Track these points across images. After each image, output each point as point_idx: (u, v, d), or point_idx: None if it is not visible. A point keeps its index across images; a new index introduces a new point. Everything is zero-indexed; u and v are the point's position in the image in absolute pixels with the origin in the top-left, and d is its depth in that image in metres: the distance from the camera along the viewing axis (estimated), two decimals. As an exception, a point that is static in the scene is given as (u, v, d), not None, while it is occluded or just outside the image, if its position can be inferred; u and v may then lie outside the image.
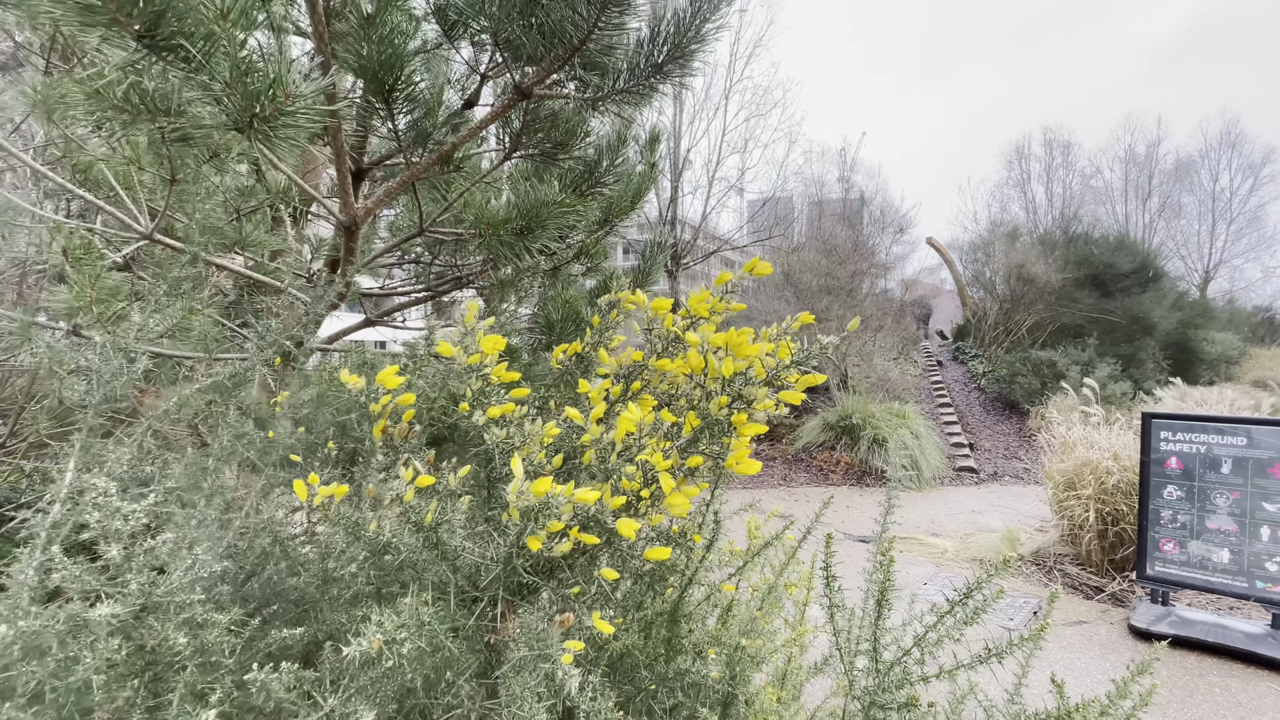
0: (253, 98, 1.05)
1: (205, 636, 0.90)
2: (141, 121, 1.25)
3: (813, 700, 1.78)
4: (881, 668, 1.16)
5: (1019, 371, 14.04)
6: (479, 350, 1.06)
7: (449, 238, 2.29)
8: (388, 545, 0.96)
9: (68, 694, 0.85)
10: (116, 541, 0.93)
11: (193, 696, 0.89)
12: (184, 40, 0.99)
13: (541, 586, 0.96)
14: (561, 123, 1.78)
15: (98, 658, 0.85)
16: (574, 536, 0.89)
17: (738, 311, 1.15)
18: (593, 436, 1.01)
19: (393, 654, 0.78)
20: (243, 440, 1.26)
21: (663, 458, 0.95)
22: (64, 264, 1.48)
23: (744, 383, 1.02)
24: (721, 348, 1.03)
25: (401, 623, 0.81)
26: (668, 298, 1.15)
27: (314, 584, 1.17)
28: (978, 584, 1.09)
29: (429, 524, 0.94)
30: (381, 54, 1.45)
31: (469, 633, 0.94)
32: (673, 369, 1.10)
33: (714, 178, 17.43)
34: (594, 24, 1.32)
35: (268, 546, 1.22)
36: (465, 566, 0.97)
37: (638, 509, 0.95)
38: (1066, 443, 6.29)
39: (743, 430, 1.01)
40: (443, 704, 0.93)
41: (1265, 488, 4.50)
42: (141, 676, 0.92)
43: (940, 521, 7.97)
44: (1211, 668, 4.02)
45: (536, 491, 0.83)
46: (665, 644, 1.37)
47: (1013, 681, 1.32)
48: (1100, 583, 5.43)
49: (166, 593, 0.90)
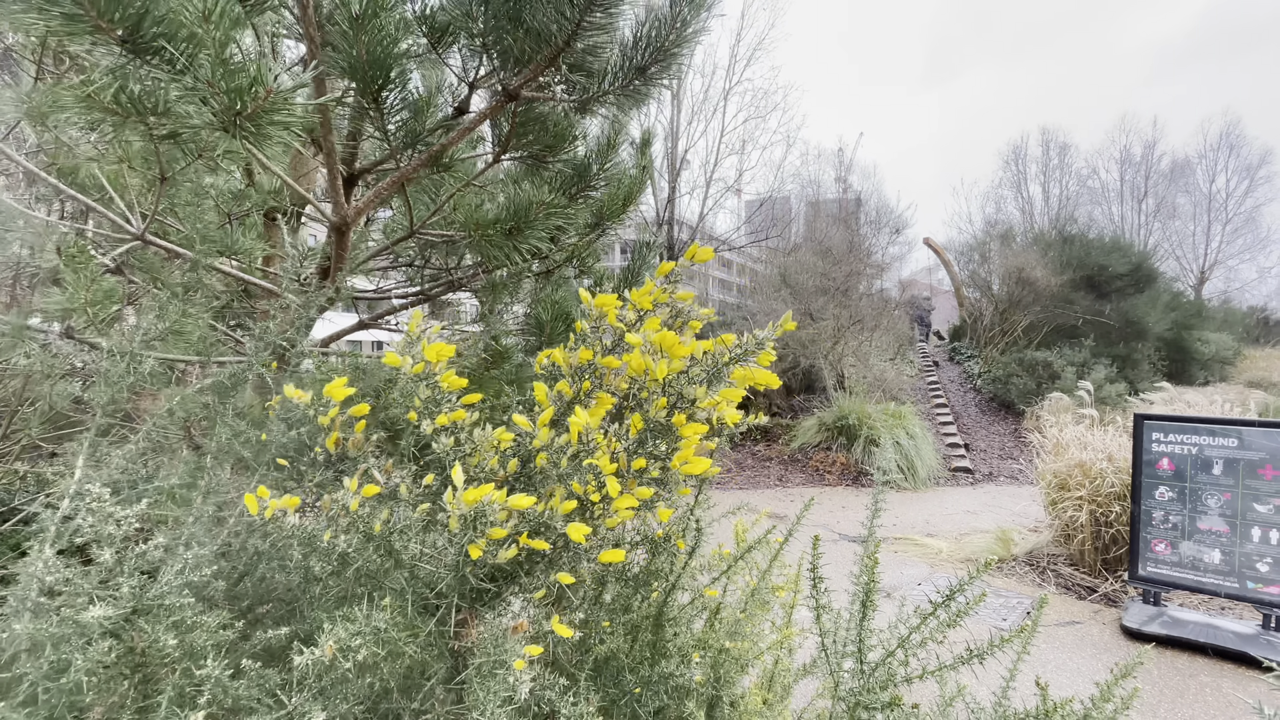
0: (235, 95, 1.06)
1: (194, 639, 0.91)
2: (132, 123, 1.26)
3: (800, 702, 1.79)
4: (866, 668, 1.17)
5: (1014, 372, 14.08)
6: (423, 359, 1.05)
7: (439, 239, 2.30)
8: (344, 555, 0.96)
9: (60, 695, 0.86)
10: (109, 546, 0.94)
11: (180, 698, 0.90)
12: (165, 43, 1.00)
13: (501, 592, 0.97)
14: (550, 125, 1.79)
15: (89, 659, 0.86)
16: (523, 543, 0.89)
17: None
18: (542, 441, 1.00)
19: (349, 660, 0.79)
20: (239, 439, 1.28)
21: (609, 460, 0.95)
22: (58, 266, 1.48)
23: (685, 382, 1.02)
24: (657, 348, 1.03)
25: (357, 629, 0.82)
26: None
27: (298, 583, 1.18)
28: (960, 585, 1.10)
29: (378, 533, 0.94)
30: (370, 54, 1.46)
31: (432, 638, 0.94)
32: (617, 366, 1.08)
33: (711, 178, 17.46)
34: (578, 24, 1.33)
35: (259, 545, 1.24)
36: (423, 574, 0.98)
37: (592, 512, 0.95)
38: (1060, 444, 6.31)
39: (684, 430, 1.00)
40: (411, 708, 0.94)
41: (1256, 489, 4.53)
42: (131, 678, 0.93)
43: (935, 522, 7.99)
44: (1203, 668, 4.04)
45: (468, 499, 0.84)
46: (651, 647, 1.37)
47: (1001, 684, 1.33)
48: (1093, 583, 5.45)
49: (156, 596, 0.91)
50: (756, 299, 15.79)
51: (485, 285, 2.53)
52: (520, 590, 0.96)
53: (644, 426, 1.02)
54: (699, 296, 1.21)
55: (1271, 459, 4.48)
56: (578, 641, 1.30)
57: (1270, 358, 18.16)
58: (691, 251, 1.09)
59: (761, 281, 16.80)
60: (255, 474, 1.28)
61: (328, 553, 0.95)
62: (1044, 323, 15.93)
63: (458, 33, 1.56)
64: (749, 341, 1.05)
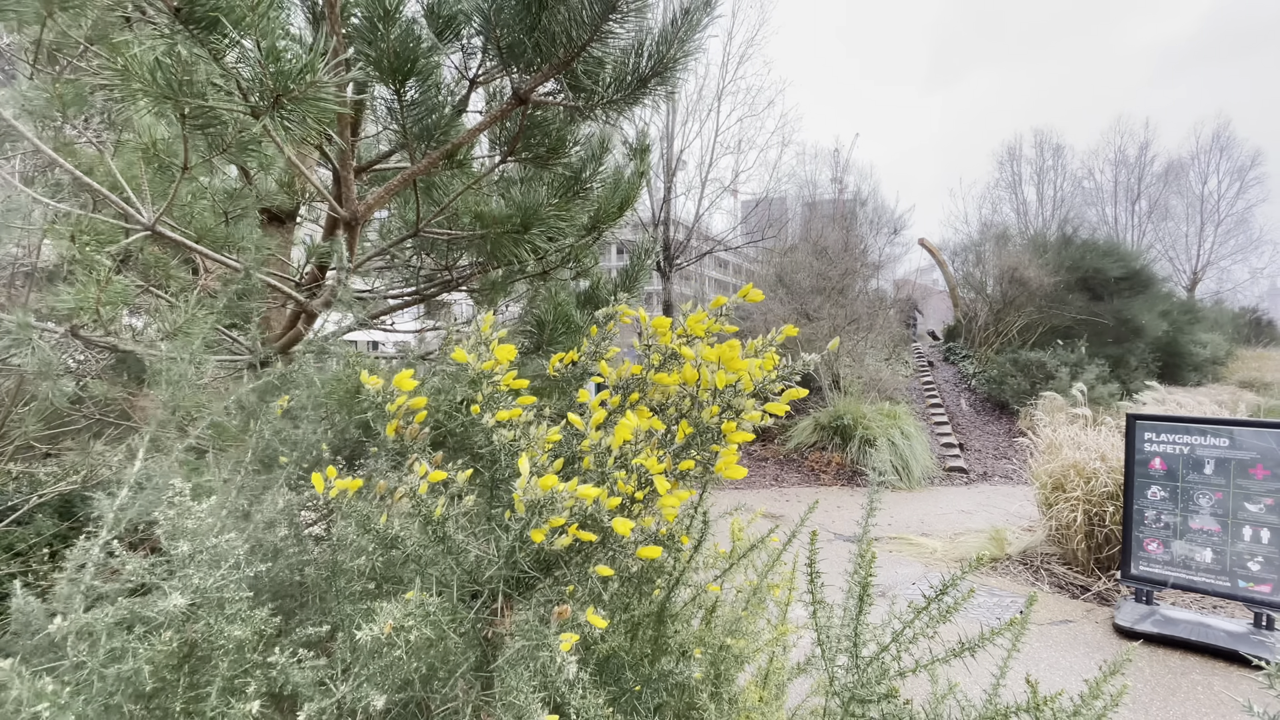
0: (285, 78, 1.08)
1: (244, 630, 0.93)
2: (165, 102, 1.25)
3: (796, 698, 1.80)
4: (860, 663, 1.18)
5: (1009, 373, 14.15)
6: (493, 357, 1.13)
7: (442, 238, 2.30)
8: (395, 538, 1.01)
9: (118, 683, 0.87)
10: (184, 538, 0.96)
11: (230, 687, 0.92)
12: (222, 16, 1.01)
13: (539, 582, 1.01)
14: (553, 129, 1.80)
15: (152, 648, 0.89)
16: (573, 534, 0.94)
17: (730, 320, 1.21)
18: (591, 442, 1.06)
19: (400, 641, 0.83)
20: (279, 436, 1.31)
21: (657, 462, 1.00)
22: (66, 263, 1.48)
23: (733, 394, 1.08)
24: (714, 362, 1.10)
25: (409, 611, 0.86)
26: (660, 297, 1.20)
27: (324, 575, 1.20)
28: (953, 580, 1.12)
29: (438, 518, 0.99)
30: (398, 46, 1.48)
31: (468, 626, 0.97)
32: (670, 383, 1.17)
33: (707, 178, 17.50)
34: (595, 31, 1.34)
35: (285, 539, 1.26)
36: (467, 561, 1.01)
37: (631, 510, 1.01)
38: (1053, 444, 6.36)
39: (731, 438, 1.07)
40: (440, 695, 0.96)
41: (1247, 488, 4.57)
42: (181, 669, 0.95)
43: (930, 521, 8.03)
44: (1194, 666, 4.08)
45: (544, 486, 0.88)
46: (651, 644, 1.39)
47: (992, 680, 1.35)
48: (1086, 582, 5.50)
49: (218, 587, 0.93)
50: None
51: (483, 285, 2.54)
52: (555, 583, 1.01)
53: (692, 432, 1.09)
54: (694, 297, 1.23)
55: (1262, 459, 4.52)
56: (579, 640, 1.32)
57: (1262, 358, 18.29)
58: (744, 291, 1.18)
59: (758, 281, 16.84)
60: (282, 471, 1.30)
61: (382, 536, 1.00)
62: (1038, 323, 16.01)
63: (465, 24, 1.58)
64: (798, 364, 1.12)
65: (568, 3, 1.35)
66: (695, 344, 1.16)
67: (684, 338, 1.19)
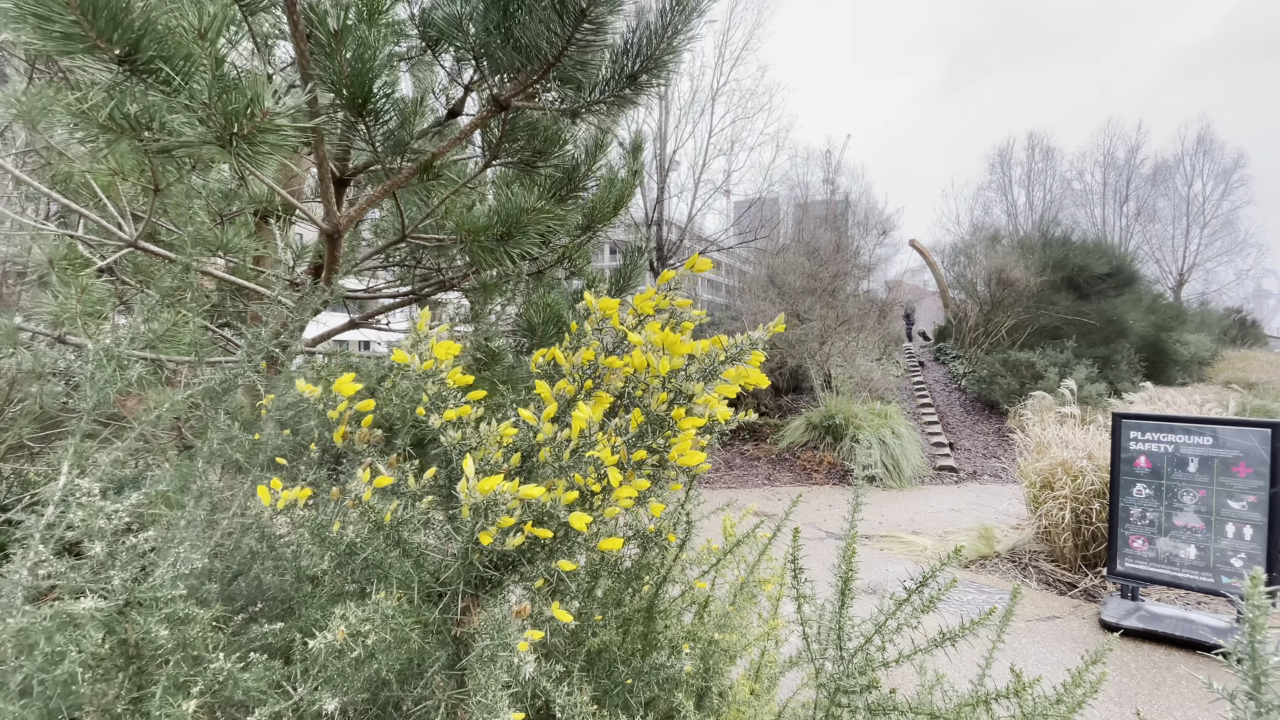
0: (232, 117, 1.08)
1: (187, 631, 0.94)
2: (125, 138, 1.27)
3: (786, 693, 1.83)
4: (845, 655, 1.21)
5: (998, 372, 14.27)
6: (432, 356, 1.09)
7: (430, 243, 2.32)
8: (352, 545, 0.99)
9: (55, 687, 0.88)
10: (100, 539, 0.96)
11: (175, 689, 0.92)
12: (163, 63, 1.02)
13: (503, 580, 1.01)
14: (540, 132, 1.82)
15: (83, 651, 0.89)
16: (528, 531, 0.93)
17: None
18: (546, 435, 1.04)
19: (358, 645, 0.82)
20: (231, 443, 1.29)
21: (610, 453, 0.99)
22: (49, 272, 1.49)
23: (684, 379, 1.06)
24: (659, 347, 1.08)
25: (366, 616, 0.85)
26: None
27: (291, 582, 1.20)
28: (932, 572, 1.15)
29: (389, 523, 0.98)
30: (351, 69, 1.47)
31: (435, 626, 0.98)
32: (619, 366, 1.13)
33: (700, 179, 17.55)
34: (567, 41, 1.36)
35: (255, 545, 1.26)
36: (429, 563, 1.01)
37: (592, 503, 0.99)
38: (1042, 443, 6.42)
39: (682, 424, 1.05)
40: (414, 695, 0.97)
41: (1230, 486, 4.64)
42: (126, 670, 0.95)
43: (920, 520, 8.10)
44: (1179, 660, 4.14)
45: (482, 489, 0.87)
46: (642, 639, 1.41)
47: (978, 672, 1.39)
48: (1073, 579, 5.56)
49: (149, 588, 0.93)
50: (744, 299, 15.87)
51: (476, 286, 2.55)
52: (521, 579, 1.00)
53: (644, 421, 1.06)
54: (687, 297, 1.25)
55: (1245, 456, 4.59)
56: (571, 634, 1.33)
57: (1247, 359, 18.49)
58: (691, 262, 1.13)
59: (749, 282, 16.90)
60: (249, 475, 1.31)
61: (336, 543, 0.98)
62: (1027, 323, 16.15)
63: (450, 40, 1.59)
64: (743, 341, 1.10)
65: (534, 15, 1.36)
66: (645, 326, 1.12)
67: (637, 318, 1.15)
